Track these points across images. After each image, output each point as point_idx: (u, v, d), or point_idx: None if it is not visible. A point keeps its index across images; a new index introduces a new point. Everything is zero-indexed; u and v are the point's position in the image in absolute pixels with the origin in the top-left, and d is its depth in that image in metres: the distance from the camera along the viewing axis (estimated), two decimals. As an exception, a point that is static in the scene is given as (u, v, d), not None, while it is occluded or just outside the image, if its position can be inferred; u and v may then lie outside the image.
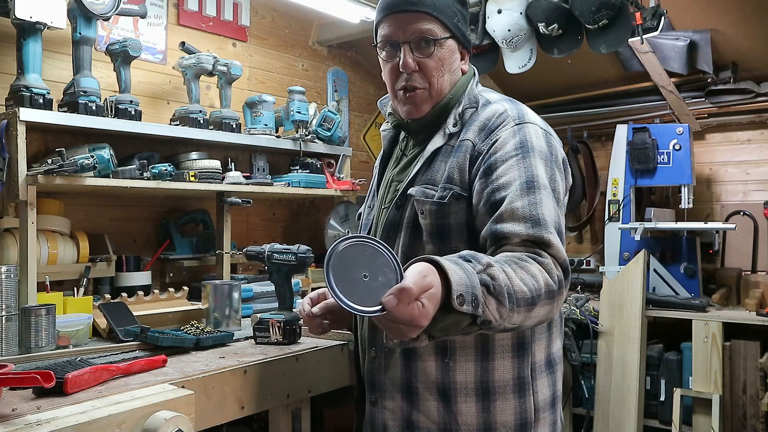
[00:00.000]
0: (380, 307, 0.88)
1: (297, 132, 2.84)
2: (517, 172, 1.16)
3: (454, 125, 1.29)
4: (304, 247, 1.86)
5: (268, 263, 1.85)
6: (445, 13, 1.27)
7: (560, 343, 1.32)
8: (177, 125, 2.48)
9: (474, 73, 1.39)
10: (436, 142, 1.29)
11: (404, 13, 1.25)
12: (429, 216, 1.24)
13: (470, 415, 1.19)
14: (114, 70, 2.31)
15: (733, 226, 2.79)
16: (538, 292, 1.02)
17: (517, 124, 1.23)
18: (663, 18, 2.38)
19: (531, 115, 1.28)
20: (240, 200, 2.50)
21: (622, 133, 3.09)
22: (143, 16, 2.42)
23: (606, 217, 3.10)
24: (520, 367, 1.21)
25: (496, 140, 1.22)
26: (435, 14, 1.26)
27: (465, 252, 1.02)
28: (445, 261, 0.94)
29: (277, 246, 1.86)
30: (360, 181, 3.01)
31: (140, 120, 2.29)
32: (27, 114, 1.96)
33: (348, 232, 3.00)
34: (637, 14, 2.34)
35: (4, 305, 1.67)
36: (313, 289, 1.79)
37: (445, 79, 1.30)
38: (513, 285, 0.99)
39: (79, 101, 2.11)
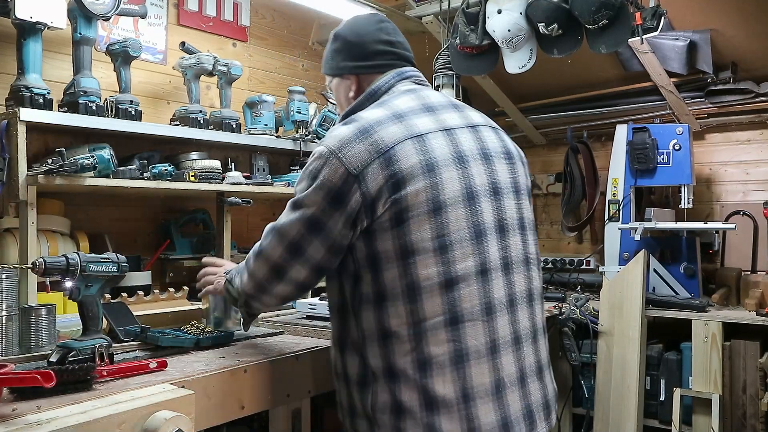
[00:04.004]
0: None
1: (297, 132, 2.84)
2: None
3: None
4: (122, 256, 1.58)
5: (80, 276, 1.48)
6: (324, 62, 1.57)
7: (409, 358, 1.27)
8: (177, 125, 2.48)
9: (372, 93, 1.48)
10: None
11: None
12: None
13: (343, 397, 1.42)
14: (114, 70, 2.31)
15: (732, 226, 2.79)
16: (242, 267, 1.51)
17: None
18: (663, 18, 2.38)
19: (331, 136, 1.33)
20: (240, 200, 2.50)
21: (622, 133, 3.09)
22: (143, 16, 2.43)
23: (606, 217, 3.10)
24: (361, 366, 1.35)
25: None
26: (323, 71, 1.59)
27: None
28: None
29: (91, 255, 1.53)
30: (360, 181, 3.00)
31: (140, 120, 2.29)
32: (27, 114, 1.96)
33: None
34: (637, 14, 2.34)
35: (4, 305, 1.67)
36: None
37: (343, 112, 1.52)
38: (240, 264, 1.54)
39: (80, 101, 2.11)
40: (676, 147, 2.95)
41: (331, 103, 1.61)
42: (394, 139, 1.29)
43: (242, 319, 1.77)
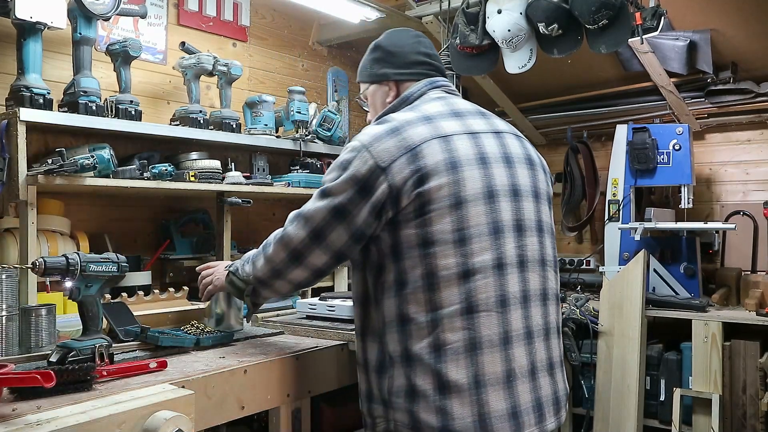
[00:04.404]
0: None
1: (297, 132, 2.84)
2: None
3: None
4: (122, 256, 1.58)
5: (80, 276, 1.48)
6: (361, 71, 1.66)
7: (425, 343, 1.34)
8: (177, 125, 2.48)
9: (405, 98, 1.57)
10: None
11: None
12: None
13: (362, 383, 1.50)
14: (114, 70, 2.31)
15: (732, 226, 2.79)
16: (255, 254, 1.55)
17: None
18: (663, 18, 2.38)
19: (363, 134, 1.43)
20: (240, 200, 2.50)
21: (622, 133, 3.09)
22: (143, 16, 2.43)
23: (606, 217, 3.10)
24: (380, 353, 1.43)
25: None
26: (358, 79, 1.69)
27: None
28: None
29: (91, 255, 1.53)
30: (360, 181, 3.01)
31: (140, 120, 2.29)
32: (27, 114, 1.96)
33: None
34: (637, 14, 2.34)
35: (4, 305, 1.67)
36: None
37: (378, 116, 1.60)
38: (248, 254, 1.59)
39: (80, 101, 2.11)
40: (676, 147, 2.95)
41: (365, 110, 1.69)
42: (421, 138, 1.38)
43: (246, 311, 1.80)
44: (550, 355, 1.46)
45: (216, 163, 2.46)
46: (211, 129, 2.55)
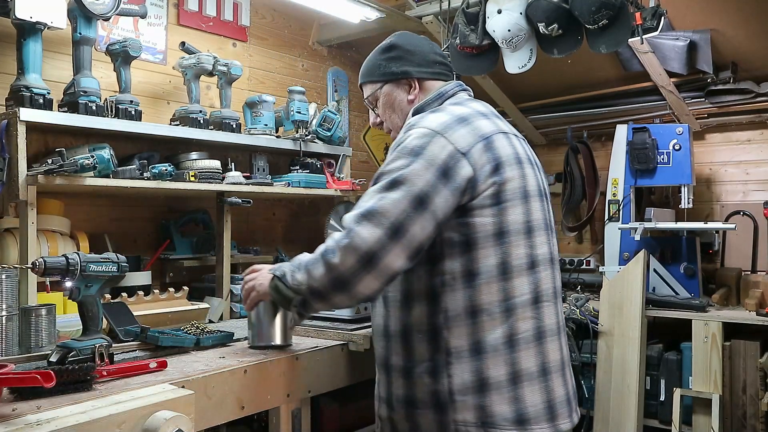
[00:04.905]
0: None
1: (297, 132, 2.84)
2: (378, 172, 1.40)
3: None
4: (122, 256, 1.58)
5: (80, 276, 1.48)
6: (371, 71, 1.64)
7: (500, 332, 1.35)
8: (177, 125, 2.48)
9: (436, 92, 1.57)
10: None
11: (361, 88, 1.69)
12: None
13: (399, 388, 1.42)
14: (114, 70, 2.31)
15: (733, 226, 2.79)
16: (311, 258, 1.37)
17: (404, 133, 1.43)
18: (663, 18, 2.37)
19: (428, 120, 1.40)
20: (240, 200, 2.50)
21: (622, 133, 3.08)
22: (143, 16, 2.43)
23: (606, 217, 3.10)
24: (434, 352, 1.37)
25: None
26: (365, 79, 1.66)
27: None
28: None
29: (91, 255, 1.53)
30: (360, 181, 3.01)
31: (140, 120, 2.29)
32: (27, 114, 1.96)
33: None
34: (637, 14, 2.34)
35: (4, 305, 1.67)
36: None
37: (395, 116, 1.62)
38: (300, 259, 1.41)
39: (79, 101, 2.11)
40: (676, 147, 2.95)
41: (375, 112, 1.66)
42: (490, 130, 1.42)
43: (290, 323, 1.69)
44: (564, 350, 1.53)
45: (216, 163, 2.46)
46: (211, 129, 2.55)
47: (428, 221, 1.30)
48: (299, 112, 2.84)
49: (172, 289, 2.25)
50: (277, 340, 1.73)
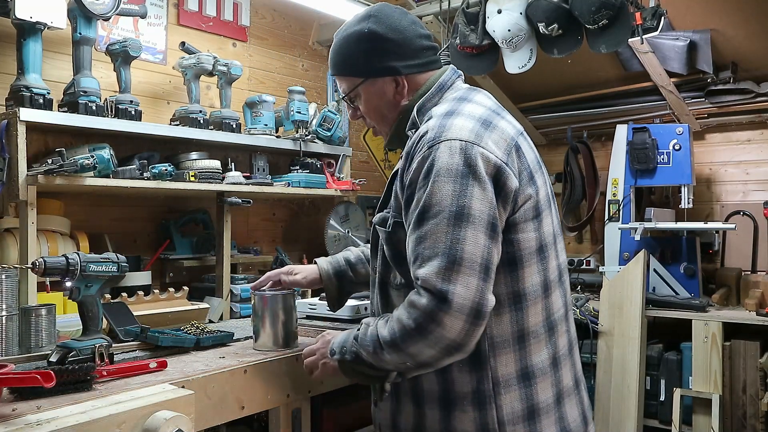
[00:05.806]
0: None
1: (297, 132, 2.84)
2: (415, 204, 1.21)
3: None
4: (122, 256, 1.57)
5: (80, 276, 1.47)
6: (348, 63, 1.41)
7: (546, 354, 1.26)
8: (177, 125, 2.48)
9: (434, 85, 1.39)
10: (398, 165, 1.35)
11: (333, 77, 1.48)
12: (385, 242, 1.33)
13: (434, 421, 1.28)
14: (114, 70, 2.31)
15: (733, 226, 2.79)
16: (396, 334, 1.20)
17: (429, 147, 1.22)
18: (663, 18, 2.38)
19: (454, 129, 1.22)
20: (240, 200, 2.50)
21: (622, 133, 3.09)
22: (143, 16, 2.42)
23: (606, 217, 3.10)
24: (478, 381, 1.24)
25: (412, 167, 1.24)
26: (341, 72, 1.44)
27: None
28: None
29: (91, 255, 1.51)
30: (360, 181, 3.01)
31: (140, 120, 2.29)
32: (27, 114, 1.96)
33: (348, 232, 3.01)
34: (637, 14, 2.34)
35: (4, 305, 1.67)
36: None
37: (382, 113, 1.42)
38: (378, 331, 1.23)
39: (79, 101, 2.11)
40: (676, 147, 2.95)
41: (353, 107, 1.50)
42: (512, 132, 1.28)
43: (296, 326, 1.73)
44: None
45: (216, 163, 2.46)
46: (211, 129, 2.55)
47: (499, 245, 1.18)
48: (299, 112, 2.84)
49: (172, 289, 2.25)
50: (284, 343, 1.74)
